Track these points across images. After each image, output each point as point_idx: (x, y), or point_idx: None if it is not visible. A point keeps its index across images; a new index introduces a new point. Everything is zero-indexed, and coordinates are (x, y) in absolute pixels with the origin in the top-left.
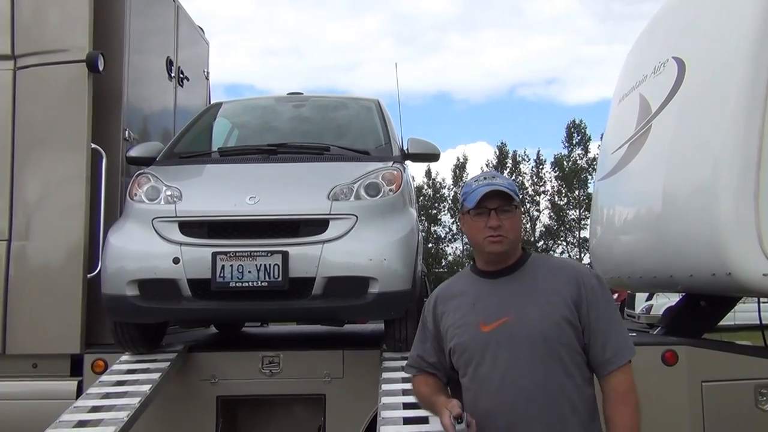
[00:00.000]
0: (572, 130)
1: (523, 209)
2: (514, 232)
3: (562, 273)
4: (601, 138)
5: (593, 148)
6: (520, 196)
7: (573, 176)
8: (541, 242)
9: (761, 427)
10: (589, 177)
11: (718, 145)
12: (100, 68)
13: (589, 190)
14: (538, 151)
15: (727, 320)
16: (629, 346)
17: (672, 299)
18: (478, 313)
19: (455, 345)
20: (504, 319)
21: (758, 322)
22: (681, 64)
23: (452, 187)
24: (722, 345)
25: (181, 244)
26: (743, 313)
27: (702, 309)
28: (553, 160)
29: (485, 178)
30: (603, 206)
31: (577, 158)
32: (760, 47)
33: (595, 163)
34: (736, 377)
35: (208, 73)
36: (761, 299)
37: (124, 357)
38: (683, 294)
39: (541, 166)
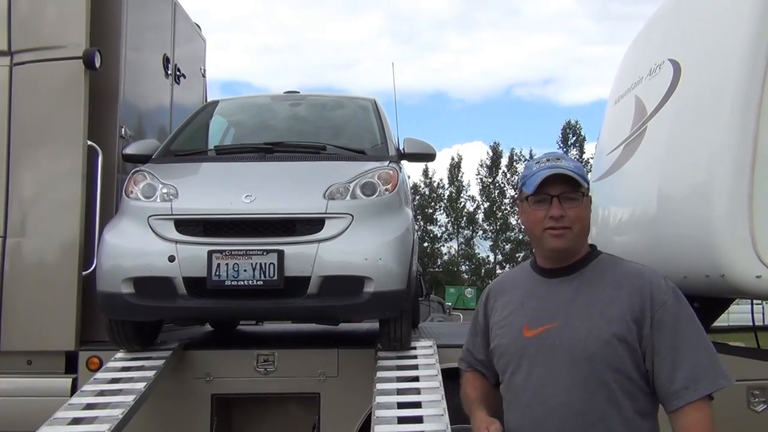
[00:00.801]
0: (567, 131)
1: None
2: (580, 223)
3: (629, 282)
4: (597, 139)
5: (588, 149)
6: (588, 182)
7: None
8: None
9: (754, 428)
10: None
11: (712, 148)
12: (97, 65)
13: None
14: (530, 151)
15: (720, 321)
16: (710, 377)
17: None
18: (525, 315)
19: (495, 346)
20: (549, 325)
21: (751, 324)
22: (677, 67)
23: (448, 186)
24: (715, 347)
25: (176, 242)
26: (736, 314)
27: (696, 310)
28: None
29: (548, 160)
30: (598, 207)
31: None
32: (755, 50)
33: (590, 164)
34: None
35: (204, 70)
36: (754, 301)
37: (119, 354)
38: None
39: None
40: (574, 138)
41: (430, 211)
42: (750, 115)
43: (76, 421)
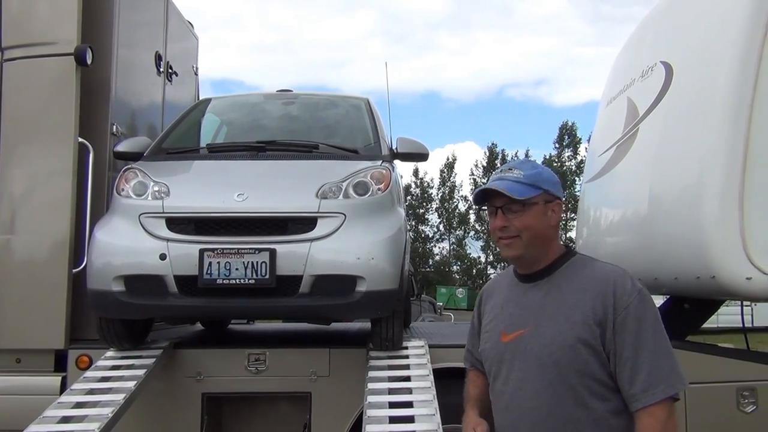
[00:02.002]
0: (564, 132)
1: (555, 201)
2: (528, 231)
3: (594, 285)
4: (589, 140)
5: (583, 151)
6: (542, 189)
7: (561, 178)
8: None
9: (743, 429)
10: (577, 180)
11: (703, 149)
12: (88, 62)
13: (577, 192)
14: (527, 152)
15: (710, 323)
16: (667, 381)
17: (656, 301)
18: (503, 320)
19: (481, 350)
20: (522, 330)
21: (741, 325)
22: (669, 69)
23: (440, 186)
24: (705, 347)
25: (168, 240)
26: (726, 316)
27: (686, 312)
28: (542, 161)
29: (501, 171)
30: (590, 208)
31: (566, 160)
32: (747, 53)
33: (583, 165)
34: (718, 380)
35: (197, 68)
36: (744, 303)
37: (109, 353)
38: (667, 296)
39: None
40: (569, 139)
41: (422, 211)
42: (741, 117)
43: (65, 420)
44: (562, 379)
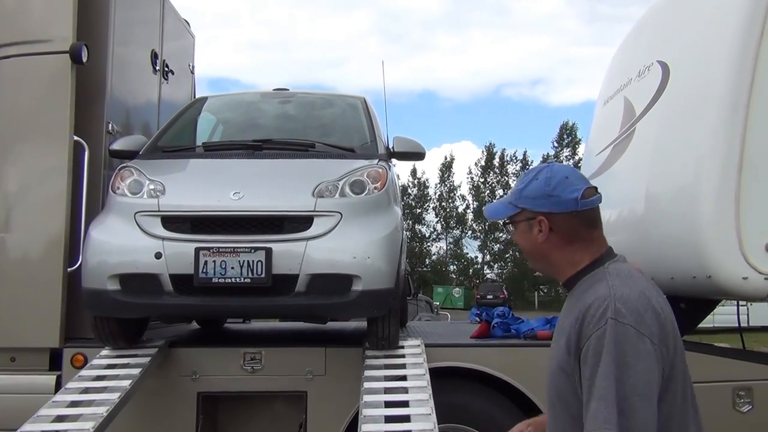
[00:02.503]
0: (564, 131)
1: (537, 217)
2: (522, 249)
3: (578, 309)
4: (586, 140)
5: (581, 151)
6: (518, 207)
7: None
8: None
9: (739, 429)
10: None
11: (700, 149)
12: (84, 59)
13: None
14: (525, 152)
15: (706, 323)
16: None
17: None
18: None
19: None
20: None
21: (737, 325)
22: (665, 68)
23: (438, 185)
24: (701, 347)
25: (163, 238)
26: (722, 315)
27: (682, 311)
28: (540, 161)
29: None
30: None
31: (564, 160)
32: (744, 53)
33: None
34: (714, 379)
35: (193, 67)
36: (740, 302)
37: (104, 352)
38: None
39: (527, 168)
40: (569, 139)
41: (419, 210)
42: (737, 117)
43: (59, 419)
44: (552, 401)
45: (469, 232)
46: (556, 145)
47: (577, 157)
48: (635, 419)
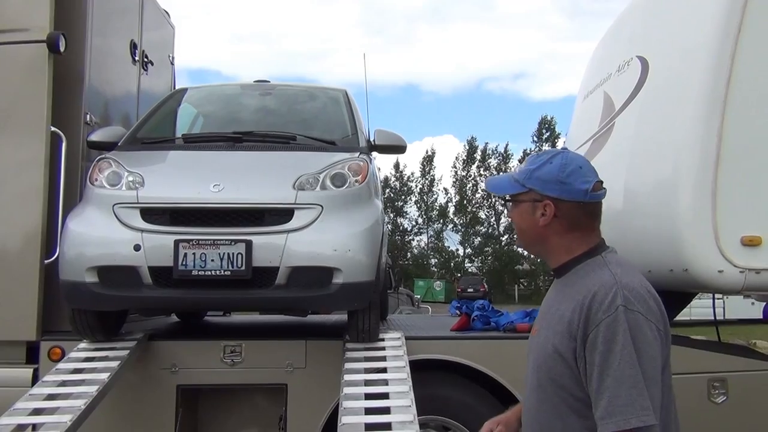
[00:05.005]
0: (543, 126)
1: (544, 200)
2: (517, 228)
3: (581, 295)
4: (566, 134)
5: (561, 145)
6: (527, 187)
7: None
8: (506, 236)
9: (714, 419)
10: None
11: (678, 144)
12: (61, 49)
13: None
14: (506, 146)
15: (683, 315)
16: (623, 414)
17: None
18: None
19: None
20: (535, 330)
21: (713, 318)
22: (644, 63)
23: (419, 179)
24: (677, 339)
25: (142, 230)
26: (699, 309)
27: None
28: (521, 155)
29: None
30: None
31: None
32: (721, 48)
33: None
34: (690, 371)
35: (173, 57)
36: (716, 295)
37: (82, 345)
38: None
39: (508, 161)
40: (548, 133)
41: (400, 204)
42: (715, 112)
43: (36, 412)
44: (542, 386)
45: (450, 226)
46: (535, 139)
47: None
48: (654, 403)
